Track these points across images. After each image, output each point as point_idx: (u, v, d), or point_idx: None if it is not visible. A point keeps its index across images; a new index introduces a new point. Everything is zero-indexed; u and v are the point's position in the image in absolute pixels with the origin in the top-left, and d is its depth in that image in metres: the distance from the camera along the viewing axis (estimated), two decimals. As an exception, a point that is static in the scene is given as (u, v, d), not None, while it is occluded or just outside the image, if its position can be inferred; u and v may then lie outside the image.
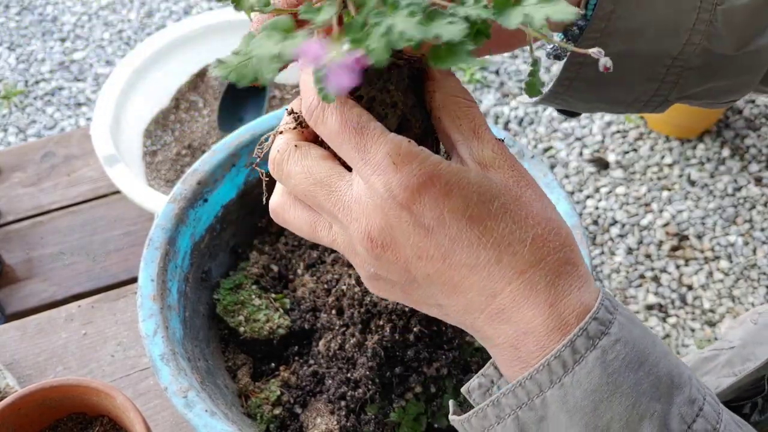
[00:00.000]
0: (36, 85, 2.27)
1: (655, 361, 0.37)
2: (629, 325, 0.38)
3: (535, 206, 0.39)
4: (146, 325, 0.64)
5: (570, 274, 0.38)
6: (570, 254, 0.39)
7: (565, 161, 2.04)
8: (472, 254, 0.37)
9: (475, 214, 0.37)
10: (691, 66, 0.52)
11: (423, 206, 0.37)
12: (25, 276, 1.06)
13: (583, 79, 0.53)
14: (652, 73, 0.53)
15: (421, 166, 0.37)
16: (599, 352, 0.36)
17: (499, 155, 0.39)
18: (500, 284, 0.38)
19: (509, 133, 0.72)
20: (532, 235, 0.38)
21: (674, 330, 1.73)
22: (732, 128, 2.08)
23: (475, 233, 0.37)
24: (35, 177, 1.17)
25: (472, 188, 0.37)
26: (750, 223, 1.90)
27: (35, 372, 0.83)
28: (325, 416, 0.68)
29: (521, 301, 0.38)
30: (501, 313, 0.38)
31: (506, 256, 0.38)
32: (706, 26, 0.50)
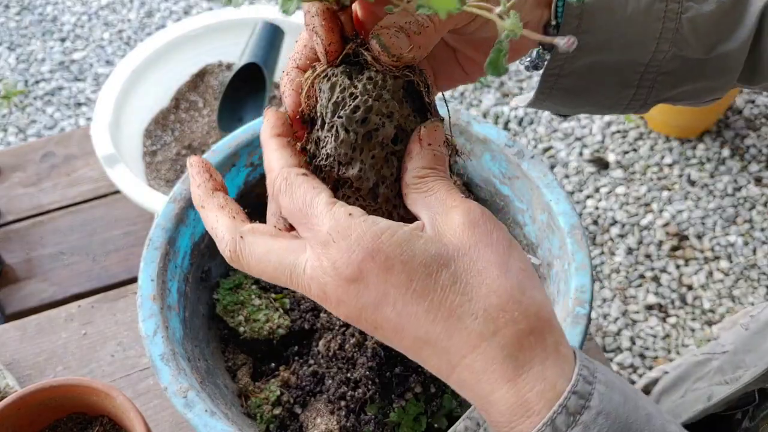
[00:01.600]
0: (36, 85, 2.27)
1: (638, 429, 0.36)
2: (609, 393, 0.36)
3: (491, 273, 0.37)
4: (146, 325, 0.64)
5: (533, 346, 0.36)
6: (535, 323, 0.37)
7: (565, 161, 2.04)
8: (422, 329, 0.37)
9: (419, 288, 0.36)
10: (664, 71, 0.53)
11: (367, 282, 0.37)
12: (25, 276, 1.06)
13: (560, 88, 0.54)
14: (626, 80, 0.53)
15: (360, 242, 0.37)
16: (581, 429, 0.35)
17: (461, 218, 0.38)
18: (456, 357, 0.37)
19: (509, 133, 0.72)
20: (484, 306, 0.36)
21: (674, 330, 1.73)
22: (732, 128, 2.08)
23: (422, 308, 0.36)
24: (35, 177, 1.17)
25: (416, 260, 0.36)
26: (750, 223, 1.90)
27: (35, 372, 0.83)
28: (325, 416, 0.68)
29: (479, 375, 0.36)
30: (463, 383, 0.37)
31: (456, 330, 0.36)
32: (672, 34, 0.51)
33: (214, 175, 0.45)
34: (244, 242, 0.41)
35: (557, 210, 0.68)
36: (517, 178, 0.73)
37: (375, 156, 0.41)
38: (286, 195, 0.40)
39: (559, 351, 0.37)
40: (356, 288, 0.37)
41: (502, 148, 0.73)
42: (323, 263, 0.38)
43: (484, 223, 0.38)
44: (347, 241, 0.37)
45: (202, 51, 1.31)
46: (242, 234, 0.41)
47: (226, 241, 0.41)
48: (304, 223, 0.39)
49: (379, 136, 0.41)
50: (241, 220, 0.42)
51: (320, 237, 0.38)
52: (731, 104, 2.11)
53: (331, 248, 0.37)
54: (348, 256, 0.37)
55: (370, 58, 0.41)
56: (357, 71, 0.42)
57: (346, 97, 0.41)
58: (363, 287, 0.37)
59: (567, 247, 0.66)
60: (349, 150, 0.41)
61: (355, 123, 0.41)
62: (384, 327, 0.38)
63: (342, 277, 0.37)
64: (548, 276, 0.71)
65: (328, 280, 0.37)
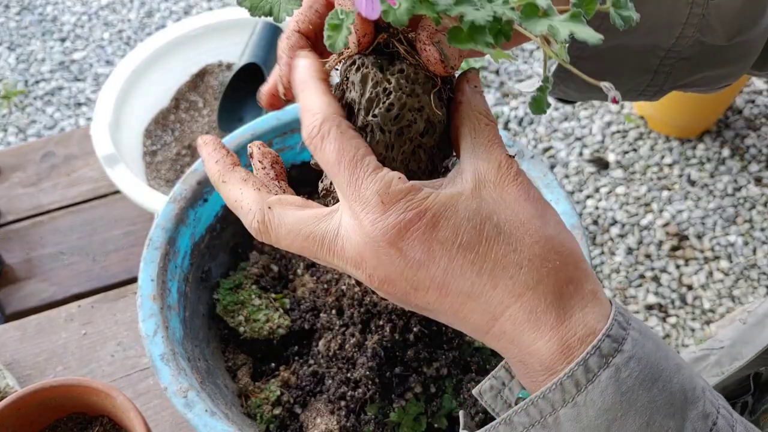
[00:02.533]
0: (36, 85, 2.27)
1: (668, 376, 0.37)
2: (642, 339, 0.37)
3: (533, 224, 0.38)
4: (146, 325, 0.64)
5: (573, 295, 0.38)
6: (573, 272, 0.38)
7: (565, 161, 2.04)
8: (467, 282, 0.37)
9: (465, 241, 0.37)
10: (684, 57, 0.53)
11: (411, 242, 0.37)
12: (24, 276, 1.06)
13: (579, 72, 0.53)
14: (645, 64, 0.53)
15: (408, 205, 0.37)
16: (613, 371, 0.36)
17: (504, 171, 0.39)
18: (499, 309, 0.37)
19: (509, 133, 0.72)
20: (529, 256, 0.37)
21: (674, 330, 1.73)
22: (732, 128, 2.08)
23: (468, 260, 0.37)
24: (35, 177, 1.17)
25: (460, 215, 0.37)
26: (750, 223, 1.90)
27: (35, 372, 0.83)
28: (325, 416, 0.68)
29: (522, 324, 0.37)
30: (503, 334, 0.38)
31: (502, 280, 0.37)
32: (698, 20, 0.51)
33: (230, 153, 0.45)
34: (272, 213, 0.40)
35: (557, 210, 0.68)
36: (517, 178, 0.73)
37: (404, 151, 0.41)
38: (334, 143, 0.38)
39: (597, 297, 0.38)
40: (399, 250, 0.37)
41: (502, 148, 0.73)
42: (365, 224, 0.37)
43: (523, 179, 0.39)
44: (396, 205, 0.37)
45: (202, 51, 1.31)
46: (270, 205, 0.40)
47: (253, 212, 0.40)
48: (346, 178, 0.38)
49: (411, 131, 0.41)
50: (267, 191, 0.41)
51: (365, 196, 0.37)
52: (731, 104, 2.11)
53: (376, 210, 0.37)
54: (395, 218, 0.37)
55: (403, 50, 0.41)
56: (387, 62, 0.41)
57: (380, 93, 0.41)
58: (408, 247, 0.37)
59: (567, 247, 0.66)
60: (383, 150, 0.41)
61: (389, 122, 0.40)
62: (427, 286, 0.38)
63: (386, 238, 0.37)
64: (548, 276, 0.71)
65: (369, 241, 0.37)
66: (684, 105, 1.96)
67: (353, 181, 0.38)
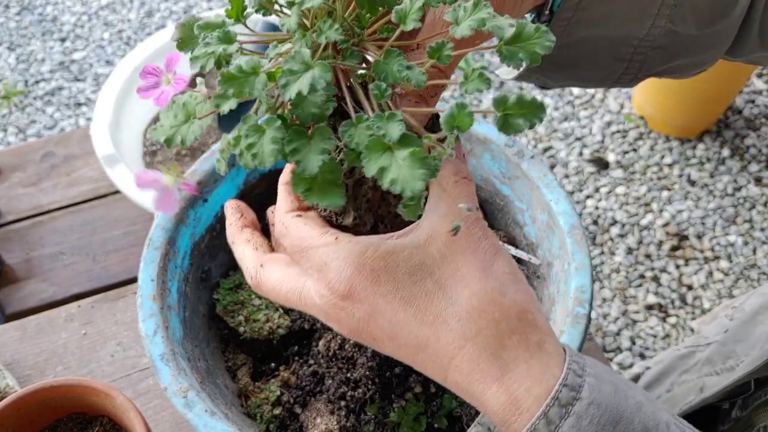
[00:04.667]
0: (36, 85, 2.27)
1: (629, 417, 0.37)
2: (599, 384, 0.37)
3: (473, 277, 0.38)
4: (146, 325, 0.64)
5: (516, 346, 0.38)
6: (516, 323, 0.38)
7: (565, 161, 2.04)
8: (412, 334, 0.39)
9: (406, 295, 0.38)
10: (657, 46, 0.53)
11: (358, 296, 0.39)
12: (24, 276, 1.06)
13: (552, 61, 0.54)
14: (618, 53, 0.54)
15: (347, 260, 0.39)
16: (574, 420, 0.36)
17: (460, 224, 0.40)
18: (446, 360, 0.39)
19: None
20: (467, 309, 0.38)
21: (674, 330, 1.73)
22: (732, 128, 2.08)
23: (410, 314, 0.38)
24: (35, 177, 1.17)
25: (400, 270, 0.38)
26: (750, 223, 1.90)
27: (35, 372, 0.83)
28: (325, 416, 0.68)
29: (468, 376, 0.38)
30: (457, 384, 0.39)
31: (443, 332, 0.38)
32: (670, 10, 0.51)
33: (246, 214, 0.50)
34: (263, 270, 0.44)
35: (557, 210, 0.68)
36: (517, 178, 0.73)
37: (370, 199, 0.42)
38: (285, 237, 0.43)
39: (544, 348, 0.38)
40: (350, 303, 0.39)
41: (502, 148, 0.73)
42: (320, 287, 0.40)
43: (476, 232, 0.40)
44: (336, 262, 0.39)
45: (202, 51, 1.30)
46: (262, 263, 0.45)
47: (250, 269, 0.45)
48: (303, 255, 0.41)
49: (369, 181, 0.42)
50: (263, 251, 0.46)
51: (316, 264, 0.40)
52: (731, 104, 2.12)
53: (324, 271, 0.40)
54: (339, 275, 0.39)
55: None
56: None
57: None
58: (356, 301, 0.39)
59: (567, 247, 0.66)
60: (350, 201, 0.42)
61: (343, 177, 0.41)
62: (381, 337, 0.40)
63: (337, 295, 0.39)
64: (548, 276, 0.70)
65: (326, 301, 0.40)
66: (684, 105, 1.96)
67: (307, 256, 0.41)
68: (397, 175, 0.35)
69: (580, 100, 2.18)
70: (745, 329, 0.74)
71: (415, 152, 0.35)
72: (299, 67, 0.36)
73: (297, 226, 0.43)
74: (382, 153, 0.35)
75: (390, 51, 0.38)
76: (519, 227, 0.75)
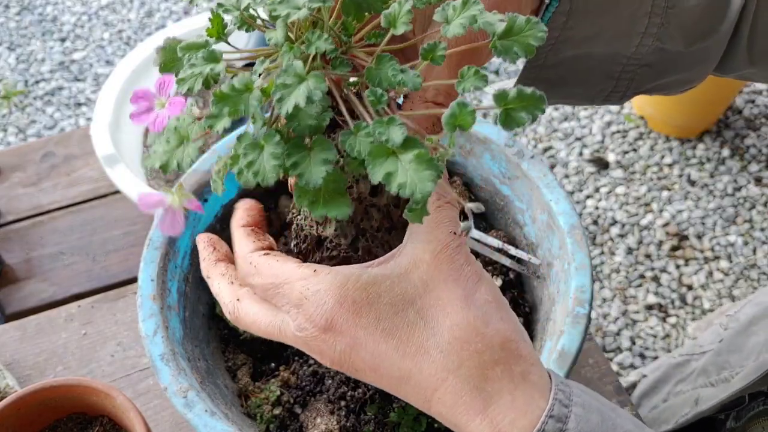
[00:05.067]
0: (36, 85, 2.27)
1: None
2: (586, 414, 0.37)
3: (455, 306, 0.37)
4: (146, 325, 0.64)
5: (500, 377, 0.37)
6: (499, 354, 0.37)
7: (565, 161, 2.04)
8: (395, 366, 0.38)
9: (387, 327, 0.38)
10: (645, 63, 0.53)
11: (340, 328, 0.38)
12: (24, 276, 1.06)
13: (543, 79, 0.54)
14: (608, 71, 0.54)
15: (328, 293, 0.38)
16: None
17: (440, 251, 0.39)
18: (429, 391, 0.38)
19: (509, 133, 0.72)
20: (449, 340, 0.37)
21: (674, 330, 1.73)
22: (732, 128, 2.08)
23: (392, 346, 0.38)
24: (35, 177, 1.17)
25: (382, 301, 0.38)
26: (750, 223, 1.90)
27: (35, 372, 0.83)
28: (325, 416, 0.68)
29: (452, 408, 0.37)
30: (441, 416, 0.39)
31: (425, 364, 0.37)
32: (657, 29, 0.51)
33: (218, 247, 0.49)
34: (240, 304, 0.44)
35: (557, 210, 0.68)
36: (517, 178, 0.73)
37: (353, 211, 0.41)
38: (255, 276, 0.42)
39: (528, 379, 0.37)
40: (332, 336, 0.39)
41: (502, 148, 0.73)
42: (300, 320, 0.40)
43: (458, 259, 0.39)
44: (317, 296, 0.39)
45: (202, 51, 1.30)
46: (239, 297, 0.44)
47: (227, 304, 0.44)
48: (277, 293, 0.41)
49: (353, 193, 0.41)
50: (239, 284, 0.45)
51: (293, 299, 0.40)
52: (731, 104, 2.12)
53: (304, 305, 0.39)
54: (319, 308, 0.38)
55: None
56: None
57: None
58: (337, 334, 0.38)
59: (567, 247, 0.66)
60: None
61: None
62: (363, 369, 0.39)
63: (318, 328, 0.39)
64: (548, 276, 0.71)
65: (307, 334, 0.39)
66: (684, 105, 1.96)
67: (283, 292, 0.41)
68: (405, 179, 0.34)
69: (580, 100, 2.18)
70: (739, 339, 0.75)
71: (420, 154, 0.34)
72: (293, 80, 0.35)
73: (269, 263, 0.42)
74: (387, 158, 0.35)
75: (382, 56, 0.38)
76: (519, 227, 0.75)
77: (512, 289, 0.73)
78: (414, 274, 0.38)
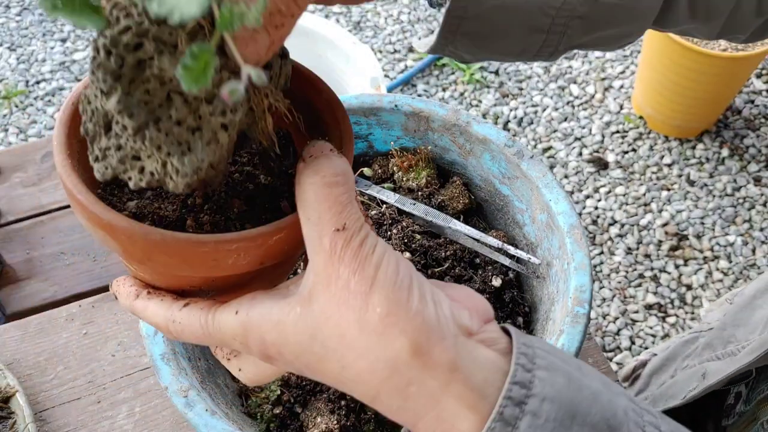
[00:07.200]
0: (36, 85, 2.28)
1: (586, 409, 0.35)
2: (551, 377, 0.35)
3: (351, 334, 0.34)
4: (147, 325, 0.64)
5: (417, 396, 0.35)
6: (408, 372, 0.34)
7: (564, 161, 2.04)
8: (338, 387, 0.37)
9: (304, 363, 0.36)
10: (577, 15, 0.51)
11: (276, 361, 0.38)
12: (25, 276, 1.06)
13: (465, 32, 0.51)
14: (536, 24, 0.51)
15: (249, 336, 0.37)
16: (530, 418, 0.33)
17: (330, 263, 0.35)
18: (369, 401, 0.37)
19: (509, 133, 0.73)
20: (357, 371, 0.35)
21: (674, 330, 1.73)
22: (731, 128, 2.08)
23: (319, 377, 0.37)
24: (36, 177, 1.18)
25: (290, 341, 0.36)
26: (749, 222, 1.90)
27: (36, 372, 0.84)
28: (325, 415, 0.68)
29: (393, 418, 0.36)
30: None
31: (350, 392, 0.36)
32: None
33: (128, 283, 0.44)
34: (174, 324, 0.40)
35: (556, 210, 0.68)
36: (517, 178, 0.73)
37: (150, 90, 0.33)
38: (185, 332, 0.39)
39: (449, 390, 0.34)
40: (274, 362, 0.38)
41: (502, 148, 0.73)
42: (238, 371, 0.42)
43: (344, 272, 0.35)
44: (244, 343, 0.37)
45: (202, 51, 1.30)
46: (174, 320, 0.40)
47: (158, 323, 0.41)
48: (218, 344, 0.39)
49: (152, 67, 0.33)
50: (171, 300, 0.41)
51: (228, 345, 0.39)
52: (730, 104, 2.12)
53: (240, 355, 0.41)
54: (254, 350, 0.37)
55: None
56: None
57: None
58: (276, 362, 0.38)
59: (566, 246, 0.66)
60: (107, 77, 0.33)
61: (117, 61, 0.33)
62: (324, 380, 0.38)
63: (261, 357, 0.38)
64: (547, 275, 0.71)
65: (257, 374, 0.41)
66: (683, 105, 1.96)
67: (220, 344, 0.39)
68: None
69: (580, 100, 2.19)
70: (744, 313, 0.74)
71: None
72: None
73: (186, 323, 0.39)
74: None
75: None
76: (519, 227, 0.76)
77: (512, 289, 0.74)
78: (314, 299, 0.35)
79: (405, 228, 0.74)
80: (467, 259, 0.74)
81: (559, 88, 2.22)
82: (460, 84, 2.23)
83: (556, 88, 2.22)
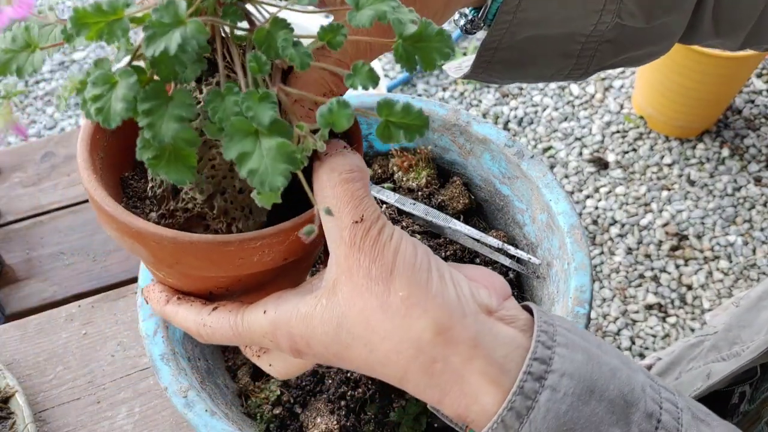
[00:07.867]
0: (36, 85, 2.28)
1: (604, 384, 0.36)
2: (570, 354, 0.36)
3: (376, 319, 0.36)
4: (146, 325, 0.64)
5: (441, 372, 0.36)
6: (432, 350, 0.36)
7: (564, 161, 2.04)
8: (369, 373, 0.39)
9: (334, 352, 0.38)
10: (605, 40, 0.52)
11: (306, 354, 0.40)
12: (25, 276, 1.06)
13: (498, 61, 0.53)
14: (567, 50, 0.53)
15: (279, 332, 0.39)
16: (549, 392, 0.35)
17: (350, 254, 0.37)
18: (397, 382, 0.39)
19: (509, 133, 0.73)
20: (385, 353, 0.37)
21: (674, 330, 1.73)
22: (731, 128, 2.08)
23: (347, 365, 0.39)
24: (35, 177, 1.18)
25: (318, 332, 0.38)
26: (749, 222, 1.90)
27: (35, 372, 0.83)
28: (325, 416, 0.68)
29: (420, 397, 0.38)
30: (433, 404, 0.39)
31: (379, 376, 0.38)
32: (616, 5, 0.50)
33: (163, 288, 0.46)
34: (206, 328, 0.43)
35: (557, 210, 0.68)
36: (517, 178, 0.73)
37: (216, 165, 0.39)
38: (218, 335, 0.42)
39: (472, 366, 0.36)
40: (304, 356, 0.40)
41: (502, 148, 0.73)
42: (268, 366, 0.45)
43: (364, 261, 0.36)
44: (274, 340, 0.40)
45: (202, 51, 1.30)
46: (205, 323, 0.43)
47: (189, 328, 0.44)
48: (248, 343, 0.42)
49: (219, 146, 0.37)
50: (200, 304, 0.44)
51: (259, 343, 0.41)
52: (731, 104, 2.12)
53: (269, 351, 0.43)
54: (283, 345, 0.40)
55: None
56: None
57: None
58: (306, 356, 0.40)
59: (566, 246, 0.66)
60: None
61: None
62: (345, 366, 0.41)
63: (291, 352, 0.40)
64: (548, 275, 0.71)
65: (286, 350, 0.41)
66: (684, 105, 1.96)
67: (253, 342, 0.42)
68: (258, 165, 0.31)
69: (580, 100, 2.18)
70: (750, 315, 0.74)
71: (283, 145, 0.31)
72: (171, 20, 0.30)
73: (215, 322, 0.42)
74: (247, 136, 0.31)
75: (278, 20, 0.33)
76: (519, 227, 0.76)
77: (512, 289, 0.74)
78: (338, 289, 0.37)
79: (405, 228, 0.74)
80: (467, 259, 0.74)
81: (560, 88, 2.22)
82: (460, 84, 2.22)
83: (556, 87, 2.22)
